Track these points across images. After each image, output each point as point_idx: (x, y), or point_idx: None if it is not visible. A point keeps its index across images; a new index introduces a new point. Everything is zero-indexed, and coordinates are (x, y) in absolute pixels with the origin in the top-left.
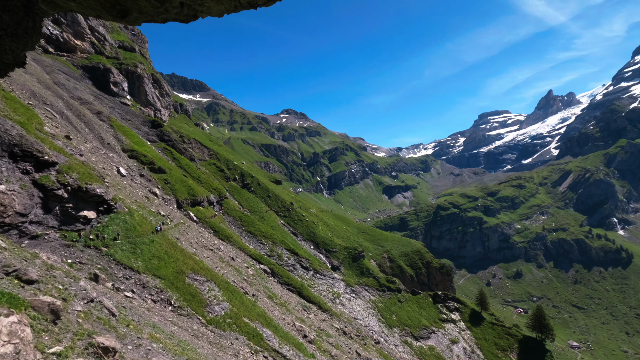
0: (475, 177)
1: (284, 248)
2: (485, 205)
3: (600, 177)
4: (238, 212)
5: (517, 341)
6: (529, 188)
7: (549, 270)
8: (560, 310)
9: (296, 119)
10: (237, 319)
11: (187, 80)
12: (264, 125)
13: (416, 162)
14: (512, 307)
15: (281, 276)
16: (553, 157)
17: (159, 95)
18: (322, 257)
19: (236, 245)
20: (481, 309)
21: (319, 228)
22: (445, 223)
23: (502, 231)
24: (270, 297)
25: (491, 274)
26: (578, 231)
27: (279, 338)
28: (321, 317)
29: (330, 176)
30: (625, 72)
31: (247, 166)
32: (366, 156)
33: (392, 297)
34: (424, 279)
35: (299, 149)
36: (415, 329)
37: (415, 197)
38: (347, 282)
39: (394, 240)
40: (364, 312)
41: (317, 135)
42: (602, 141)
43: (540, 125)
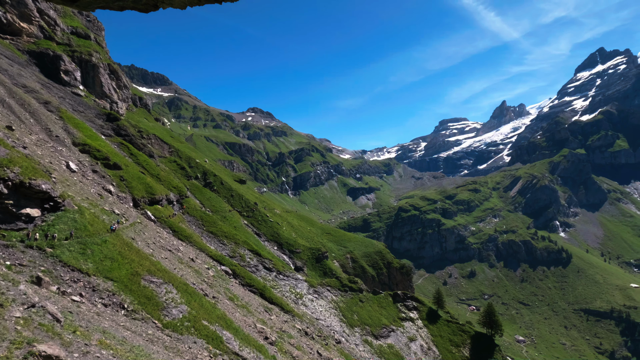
0: (435, 180)
1: (247, 249)
2: (443, 208)
3: (545, 184)
4: (199, 212)
5: (469, 337)
6: (483, 192)
7: (499, 269)
8: (508, 307)
9: (262, 118)
10: (196, 322)
11: (147, 73)
12: (228, 123)
13: (380, 165)
14: (466, 305)
15: (243, 277)
16: (505, 163)
17: (116, 87)
18: (285, 258)
19: (196, 246)
20: (438, 307)
21: (283, 229)
22: (406, 225)
23: (458, 233)
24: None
25: (448, 274)
26: (525, 233)
27: (240, 340)
28: (283, 319)
29: (296, 177)
30: (569, 88)
31: (210, 164)
32: (332, 158)
33: (354, 297)
34: (385, 279)
35: (264, 148)
36: (376, 328)
37: (378, 199)
38: (310, 283)
39: (357, 241)
40: (326, 312)
41: (284, 135)
42: (547, 150)
43: (495, 133)
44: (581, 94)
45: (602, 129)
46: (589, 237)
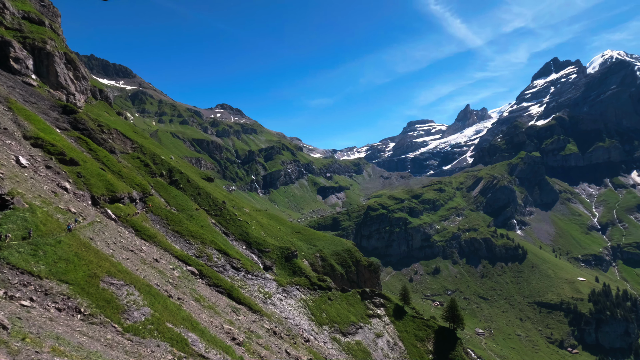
0: (402, 180)
1: (214, 248)
2: (410, 207)
3: (504, 184)
4: (164, 210)
5: (433, 331)
6: (447, 192)
7: (462, 266)
8: (469, 301)
9: (232, 114)
10: (160, 325)
11: (109, 64)
12: (196, 119)
13: (350, 165)
14: (430, 301)
15: (210, 278)
16: (468, 164)
17: (74, 77)
18: (254, 257)
19: (161, 246)
20: (404, 303)
21: (252, 228)
22: (374, 223)
23: (424, 231)
24: (198, 299)
25: (414, 271)
26: (486, 231)
27: (206, 342)
28: (251, 318)
29: (266, 175)
30: (526, 94)
31: (176, 161)
32: (302, 156)
33: (323, 296)
34: (354, 276)
35: (233, 145)
36: (344, 325)
37: (348, 198)
38: (279, 282)
39: (327, 240)
40: (295, 311)
41: (253, 132)
42: (507, 152)
43: (459, 135)
44: (537, 101)
45: (555, 134)
46: (542, 234)
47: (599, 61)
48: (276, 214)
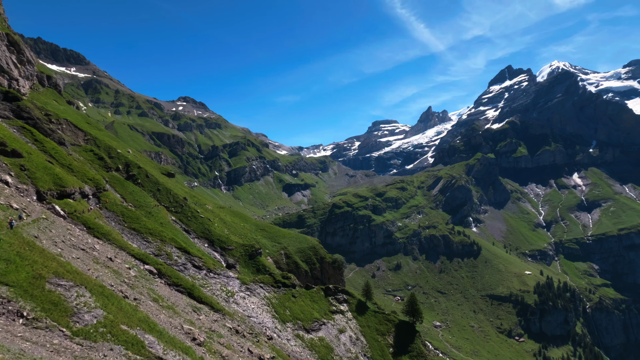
0: (367, 178)
1: (174, 246)
2: (374, 204)
3: (462, 184)
4: (120, 207)
5: (394, 325)
6: (409, 190)
7: (421, 262)
8: (428, 296)
9: (195, 108)
10: (114, 327)
11: (58, 49)
12: (156, 111)
13: (316, 162)
14: (392, 296)
15: (170, 277)
16: (429, 164)
17: (17, 61)
18: (217, 256)
19: (116, 244)
20: (366, 299)
21: (215, 225)
22: (339, 220)
23: (386, 228)
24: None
25: (376, 267)
26: (444, 228)
27: (164, 344)
28: (213, 318)
29: (230, 171)
30: (483, 99)
31: (134, 155)
32: (268, 153)
33: (287, 293)
34: (318, 273)
35: (196, 140)
36: (308, 322)
37: (314, 196)
38: (243, 280)
39: (291, 237)
40: (258, 309)
41: (218, 127)
42: (464, 153)
43: (421, 136)
44: (493, 105)
45: (508, 137)
46: (495, 231)
47: (547, 71)
48: (240, 211)
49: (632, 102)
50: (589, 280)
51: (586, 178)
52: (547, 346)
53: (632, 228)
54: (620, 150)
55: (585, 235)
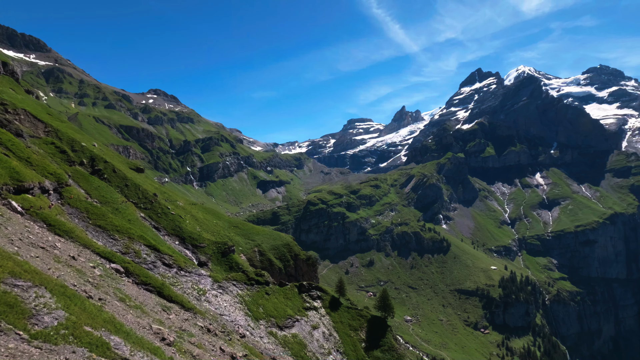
0: (341, 176)
1: (143, 244)
2: (348, 202)
3: (433, 182)
4: (84, 203)
5: (366, 321)
6: (383, 188)
7: (394, 258)
8: (400, 291)
9: (166, 101)
10: (76, 329)
11: (16, 34)
12: (125, 104)
13: (291, 159)
14: (364, 292)
15: (138, 275)
16: (402, 163)
17: None
18: (188, 253)
19: (80, 242)
20: (339, 295)
21: (187, 222)
22: (314, 217)
23: (360, 225)
24: (123, 299)
25: (350, 264)
26: (416, 225)
27: (131, 344)
28: (184, 317)
29: (203, 167)
30: (454, 100)
31: (100, 149)
32: (242, 149)
33: (260, 290)
34: (292, 270)
35: (167, 135)
36: (281, 319)
37: (288, 193)
38: (215, 278)
39: (265, 234)
40: (231, 307)
41: (190, 122)
42: (436, 153)
43: (395, 135)
44: (463, 106)
45: (477, 138)
46: (464, 228)
47: (514, 75)
48: (213, 207)
49: (589, 107)
50: (549, 274)
51: (547, 178)
52: (509, 337)
53: (587, 225)
54: (578, 152)
55: (545, 231)
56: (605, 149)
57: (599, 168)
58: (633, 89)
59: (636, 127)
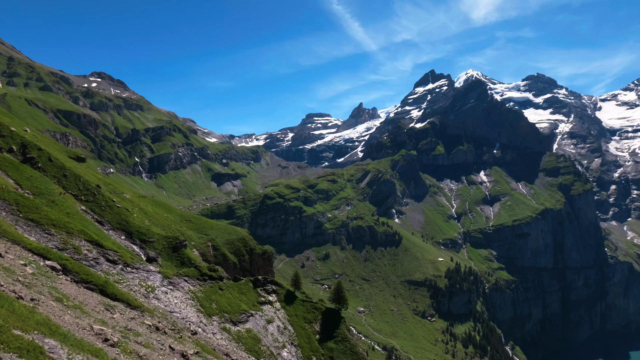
0: (299, 170)
1: (84, 239)
2: (305, 196)
3: (387, 178)
4: (13, 194)
5: (321, 313)
6: (339, 183)
7: (348, 251)
8: (354, 283)
9: (112, 86)
10: (3, 333)
11: None
12: (63, 86)
13: (248, 152)
14: (320, 285)
15: (77, 273)
16: (359, 158)
17: None
18: (135, 249)
19: (8, 237)
20: (295, 289)
21: (134, 216)
22: (270, 212)
23: (317, 219)
24: (60, 299)
25: (306, 257)
26: (370, 219)
27: (69, 347)
28: (130, 315)
29: (153, 158)
30: (409, 99)
31: (34, 135)
32: (196, 140)
33: (214, 286)
34: (247, 265)
35: (113, 122)
36: (235, 314)
37: (245, 186)
38: (165, 274)
39: (220, 229)
40: (182, 303)
41: (139, 109)
42: (391, 149)
43: (352, 131)
44: (417, 106)
45: (429, 136)
46: (415, 222)
47: (463, 78)
48: (164, 200)
49: (527, 111)
50: (489, 265)
51: (490, 176)
52: (453, 324)
53: (523, 219)
54: (517, 152)
55: (487, 225)
56: (539, 150)
57: (533, 168)
58: (564, 96)
59: (565, 131)
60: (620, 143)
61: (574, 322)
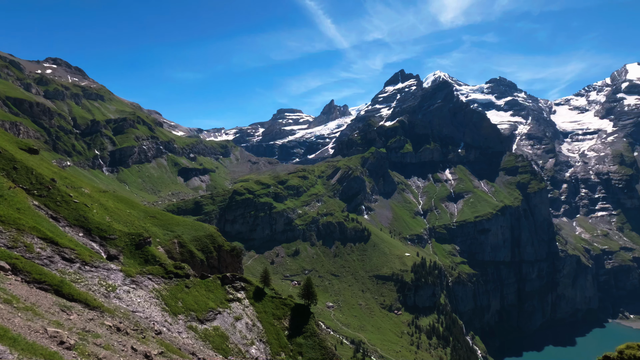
0: (270, 166)
1: (37, 237)
2: (275, 192)
3: (357, 175)
4: None
5: (290, 309)
6: (310, 179)
7: (318, 247)
8: (323, 279)
9: (69, 73)
10: None
11: None
12: (13, 71)
13: (216, 146)
14: (289, 281)
15: (29, 273)
16: (330, 155)
17: None
18: (95, 246)
19: None
20: (264, 285)
21: (94, 211)
22: (239, 207)
23: (287, 215)
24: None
25: (275, 254)
26: (340, 215)
27: (20, 352)
28: (88, 316)
29: (115, 151)
30: (379, 98)
31: None
32: (162, 133)
33: (180, 284)
34: (215, 262)
35: (70, 112)
36: (202, 312)
37: (213, 181)
38: (127, 273)
39: (187, 225)
40: (146, 303)
41: (100, 99)
42: (361, 147)
43: (323, 127)
44: (387, 104)
45: (398, 134)
46: (383, 218)
47: (432, 79)
48: (127, 196)
49: (490, 112)
50: (452, 259)
51: (455, 174)
52: (418, 316)
53: (484, 216)
54: (480, 152)
55: (451, 222)
56: (500, 150)
57: (494, 167)
58: (523, 100)
59: (524, 133)
60: (572, 145)
61: (528, 312)
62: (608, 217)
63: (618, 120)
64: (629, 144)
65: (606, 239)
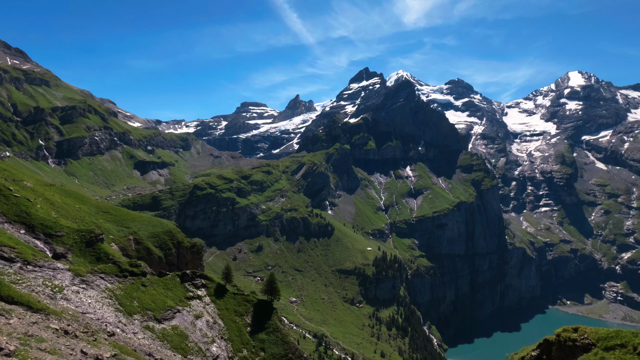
0: (233, 160)
1: None
2: (239, 187)
3: (322, 170)
4: None
5: (252, 305)
6: (274, 174)
7: (282, 242)
8: (287, 274)
9: (8, 55)
10: None
11: None
12: None
13: (176, 139)
14: (252, 277)
15: None
16: (295, 150)
17: None
18: (39, 244)
19: None
20: (226, 282)
21: (38, 207)
22: (200, 203)
23: (250, 211)
24: None
25: (238, 250)
26: (304, 211)
27: None
28: (31, 320)
29: (62, 141)
30: (344, 94)
31: None
32: (116, 124)
33: (136, 282)
34: (174, 259)
35: (9, 97)
36: (160, 311)
37: (172, 176)
38: (77, 272)
39: (143, 221)
40: (97, 303)
41: (45, 85)
42: (325, 143)
43: (288, 122)
44: (351, 101)
45: (361, 131)
46: (347, 214)
47: (395, 78)
48: (76, 190)
49: (448, 112)
50: (411, 253)
51: (415, 171)
52: (379, 309)
53: (441, 211)
54: (439, 150)
55: (411, 217)
56: (457, 149)
57: (452, 164)
58: (479, 101)
59: (478, 132)
60: (521, 145)
61: (479, 301)
62: (550, 212)
63: (560, 124)
64: (570, 145)
65: (548, 232)
